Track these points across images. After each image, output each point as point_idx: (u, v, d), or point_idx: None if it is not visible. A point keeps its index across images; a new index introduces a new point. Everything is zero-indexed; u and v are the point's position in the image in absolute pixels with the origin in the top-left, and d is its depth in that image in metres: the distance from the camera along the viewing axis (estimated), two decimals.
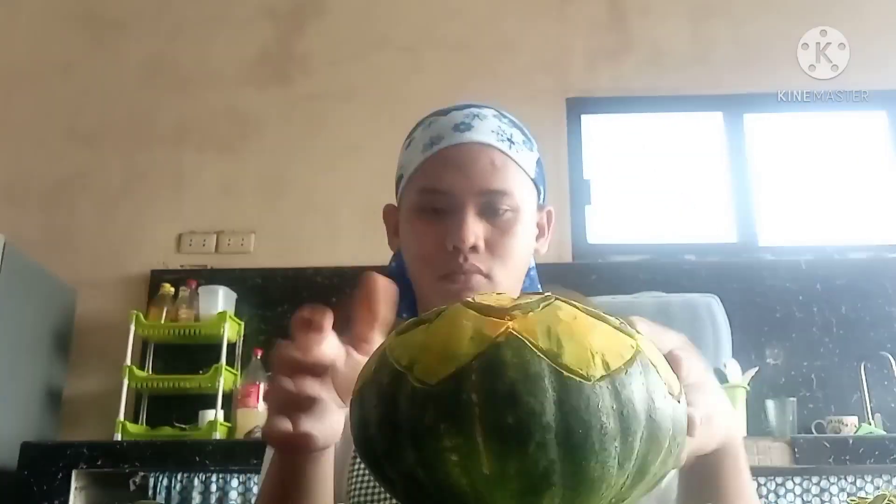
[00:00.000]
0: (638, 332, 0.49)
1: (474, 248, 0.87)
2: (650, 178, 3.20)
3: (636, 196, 3.18)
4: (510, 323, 0.45)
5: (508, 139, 0.91)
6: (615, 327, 0.48)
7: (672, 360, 0.51)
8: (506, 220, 0.89)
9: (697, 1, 3.33)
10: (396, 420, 0.45)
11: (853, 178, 3.15)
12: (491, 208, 0.88)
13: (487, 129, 0.90)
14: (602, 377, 0.44)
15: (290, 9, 3.39)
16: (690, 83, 3.21)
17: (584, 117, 3.21)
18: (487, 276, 0.88)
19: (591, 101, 3.21)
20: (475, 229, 0.87)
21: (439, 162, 0.89)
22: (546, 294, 0.49)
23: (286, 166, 3.14)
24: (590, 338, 0.46)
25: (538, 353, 0.44)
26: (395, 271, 0.99)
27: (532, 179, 0.93)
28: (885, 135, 3.17)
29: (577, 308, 0.48)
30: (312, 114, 3.21)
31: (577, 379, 0.44)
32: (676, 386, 0.48)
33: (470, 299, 0.49)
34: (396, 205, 0.98)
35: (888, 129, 3.17)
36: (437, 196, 0.88)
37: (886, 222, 3.08)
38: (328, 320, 0.60)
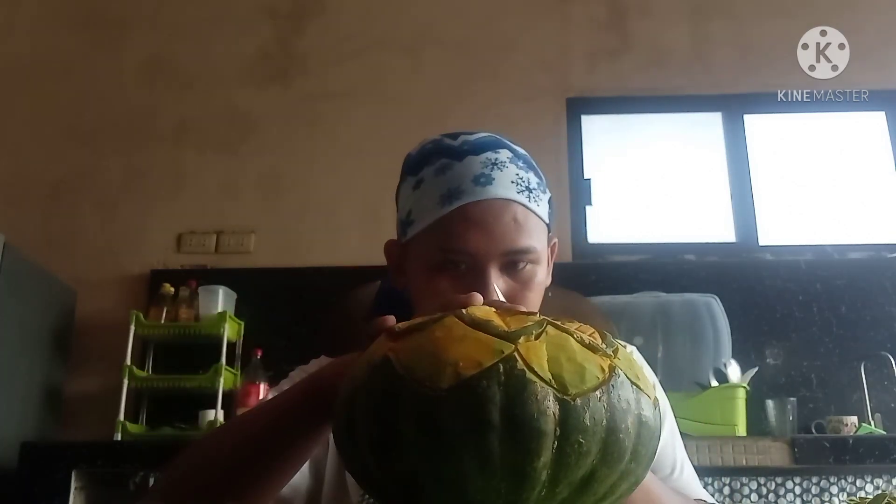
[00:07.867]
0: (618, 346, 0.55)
1: None
2: (650, 178, 3.19)
3: (636, 196, 3.17)
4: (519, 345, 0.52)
5: (527, 188, 0.88)
6: (592, 349, 0.54)
7: None
8: (526, 273, 0.88)
9: (697, 1, 3.33)
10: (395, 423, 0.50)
11: (853, 178, 3.15)
12: (512, 264, 0.87)
13: (507, 180, 0.87)
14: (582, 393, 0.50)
15: (290, 9, 3.38)
16: (690, 83, 3.21)
17: (584, 117, 3.21)
18: None
19: (591, 101, 3.21)
20: (498, 287, 0.86)
21: (460, 219, 0.85)
22: (540, 319, 0.54)
23: (286, 166, 3.14)
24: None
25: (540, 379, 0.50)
26: (388, 290, 1.01)
27: (546, 224, 0.92)
28: (884, 135, 3.17)
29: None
30: (312, 114, 3.21)
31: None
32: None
33: (463, 311, 0.55)
34: (397, 240, 0.95)
35: (888, 129, 3.17)
36: (459, 255, 0.86)
37: (886, 222, 3.07)
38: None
